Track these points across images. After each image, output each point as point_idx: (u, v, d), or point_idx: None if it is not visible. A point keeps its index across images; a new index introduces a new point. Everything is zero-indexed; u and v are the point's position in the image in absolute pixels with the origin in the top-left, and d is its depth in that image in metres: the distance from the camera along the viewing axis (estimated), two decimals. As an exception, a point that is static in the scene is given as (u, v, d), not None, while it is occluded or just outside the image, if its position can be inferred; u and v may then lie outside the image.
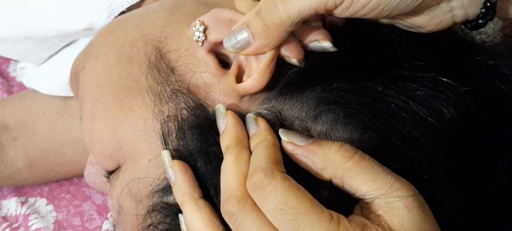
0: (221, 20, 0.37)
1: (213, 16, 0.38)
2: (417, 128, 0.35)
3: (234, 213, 0.32)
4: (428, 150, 0.35)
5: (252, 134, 0.35)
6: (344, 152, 0.33)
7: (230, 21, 0.37)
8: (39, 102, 0.64)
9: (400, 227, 0.31)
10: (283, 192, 0.31)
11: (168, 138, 0.37)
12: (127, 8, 0.51)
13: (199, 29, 0.38)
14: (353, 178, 0.32)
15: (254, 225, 0.32)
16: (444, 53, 0.38)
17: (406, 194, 0.32)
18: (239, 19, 0.36)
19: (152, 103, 0.38)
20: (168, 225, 0.37)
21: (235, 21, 0.37)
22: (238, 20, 0.37)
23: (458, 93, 0.36)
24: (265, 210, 0.32)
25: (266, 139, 0.34)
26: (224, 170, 0.34)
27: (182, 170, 0.36)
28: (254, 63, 0.36)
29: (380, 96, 0.35)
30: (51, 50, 0.60)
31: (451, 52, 0.39)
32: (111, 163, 0.40)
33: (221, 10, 0.38)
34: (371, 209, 0.32)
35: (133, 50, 0.40)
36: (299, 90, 0.36)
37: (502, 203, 0.37)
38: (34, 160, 0.62)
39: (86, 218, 0.63)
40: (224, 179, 0.34)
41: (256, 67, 0.36)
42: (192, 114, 0.37)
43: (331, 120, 0.35)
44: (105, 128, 0.39)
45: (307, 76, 0.36)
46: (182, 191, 0.35)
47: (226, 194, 0.33)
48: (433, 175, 0.35)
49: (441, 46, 0.39)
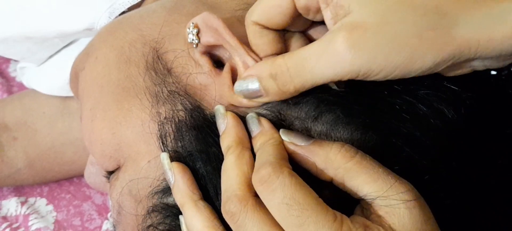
0: (209, 26, 0.37)
1: (203, 20, 0.37)
2: (418, 128, 0.35)
3: (235, 213, 0.32)
4: (429, 150, 0.35)
5: (256, 133, 0.35)
6: (345, 152, 0.33)
7: (216, 31, 0.37)
8: (39, 102, 0.64)
9: (401, 228, 0.31)
10: (290, 187, 0.31)
11: (166, 139, 0.37)
12: (128, 8, 0.51)
13: (193, 31, 0.37)
14: (354, 179, 0.32)
15: (255, 225, 0.32)
16: None
17: (407, 195, 0.31)
18: (226, 35, 0.36)
19: (150, 105, 0.38)
20: (168, 226, 0.37)
21: (222, 36, 0.36)
22: (224, 35, 0.36)
23: (458, 94, 0.36)
24: (271, 204, 0.31)
25: (273, 137, 0.34)
26: (225, 170, 0.34)
27: (181, 172, 0.36)
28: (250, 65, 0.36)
29: (380, 96, 0.35)
30: (51, 50, 0.60)
31: None
32: (111, 163, 0.40)
33: (211, 16, 0.37)
34: (372, 210, 0.32)
35: (131, 51, 0.40)
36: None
37: (502, 203, 0.37)
38: (34, 160, 0.63)
39: (86, 218, 0.64)
40: (225, 179, 0.34)
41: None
42: (189, 116, 0.37)
43: (331, 120, 0.35)
44: (105, 129, 0.39)
45: None
46: (182, 193, 0.35)
47: (228, 194, 0.33)
48: (434, 175, 0.35)
49: None
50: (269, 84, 0.34)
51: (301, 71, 0.33)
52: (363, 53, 0.30)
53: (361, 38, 0.30)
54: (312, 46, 0.33)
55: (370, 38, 0.30)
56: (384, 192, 0.31)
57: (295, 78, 0.33)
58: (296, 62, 0.33)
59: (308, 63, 0.32)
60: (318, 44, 0.32)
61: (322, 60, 0.32)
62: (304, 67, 0.32)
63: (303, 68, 0.32)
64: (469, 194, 0.35)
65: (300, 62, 0.33)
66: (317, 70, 0.32)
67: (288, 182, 0.31)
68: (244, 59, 0.36)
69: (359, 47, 0.30)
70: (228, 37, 0.36)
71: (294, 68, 0.33)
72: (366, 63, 0.30)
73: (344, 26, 0.31)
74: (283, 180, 0.31)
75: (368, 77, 0.32)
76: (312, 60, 0.32)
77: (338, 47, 0.31)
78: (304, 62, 0.32)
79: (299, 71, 0.33)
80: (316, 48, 0.32)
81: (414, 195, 0.32)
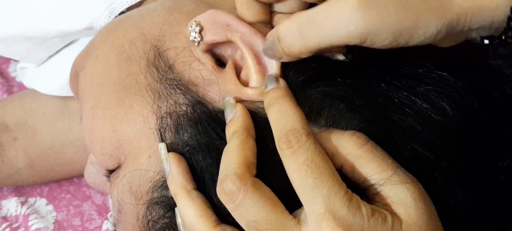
0: (217, 23, 0.37)
1: (209, 17, 0.38)
2: (420, 123, 0.35)
3: (234, 191, 0.32)
4: (431, 145, 0.35)
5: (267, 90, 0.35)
6: (357, 139, 0.33)
7: (227, 25, 0.37)
8: (39, 102, 0.64)
9: (407, 217, 0.31)
10: (314, 151, 0.32)
11: (166, 133, 0.37)
12: (128, 8, 0.51)
13: (195, 29, 0.38)
14: (364, 166, 0.33)
15: (256, 204, 0.32)
16: (445, 52, 0.38)
17: (414, 188, 0.32)
18: (237, 25, 0.37)
19: (152, 101, 0.38)
20: (168, 219, 0.37)
21: (233, 26, 0.37)
22: (235, 26, 0.37)
23: (459, 90, 0.36)
24: (291, 165, 0.32)
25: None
26: (226, 152, 0.34)
27: (176, 162, 0.36)
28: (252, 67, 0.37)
29: (383, 91, 0.36)
30: (51, 50, 0.60)
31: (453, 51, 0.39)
32: (112, 161, 0.40)
33: (219, 12, 0.38)
34: (378, 199, 0.32)
35: (132, 49, 0.41)
36: (303, 86, 0.36)
37: (504, 200, 0.37)
38: (34, 160, 0.63)
39: (86, 218, 0.63)
40: (225, 159, 0.34)
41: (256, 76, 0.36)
42: (191, 110, 0.37)
43: (334, 114, 0.35)
44: (105, 126, 0.39)
45: (310, 75, 0.36)
46: (176, 182, 0.36)
47: (226, 172, 0.33)
48: (436, 171, 0.35)
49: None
50: (277, 47, 0.34)
51: (306, 32, 0.32)
52: (373, 14, 0.30)
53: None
54: (318, 7, 0.32)
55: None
56: (392, 182, 0.32)
57: (299, 39, 0.33)
58: (299, 23, 0.32)
59: (314, 23, 0.32)
60: (325, 5, 0.31)
61: (330, 19, 0.31)
62: (309, 28, 0.32)
63: (309, 30, 0.32)
64: (470, 191, 0.36)
65: (306, 23, 0.32)
66: (324, 30, 0.31)
67: (313, 147, 0.32)
68: (258, 45, 0.36)
69: (370, 8, 0.30)
70: (242, 28, 0.37)
71: (297, 29, 0.32)
72: (375, 25, 0.30)
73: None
74: (309, 144, 0.32)
75: (374, 44, 0.31)
76: (319, 20, 0.31)
77: (348, 5, 0.30)
78: (311, 23, 0.32)
79: (304, 32, 0.32)
80: (324, 7, 0.31)
81: (420, 189, 0.32)
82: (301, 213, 0.32)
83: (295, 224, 0.32)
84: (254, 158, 0.34)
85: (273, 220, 0.32)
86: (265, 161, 0.34)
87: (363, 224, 0.31)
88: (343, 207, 0.31)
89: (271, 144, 0.34)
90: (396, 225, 0.31)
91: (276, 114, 0.34)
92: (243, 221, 0.32)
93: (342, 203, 0.31)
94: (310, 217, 0.31)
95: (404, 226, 0.31)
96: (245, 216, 0.32)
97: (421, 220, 0.31)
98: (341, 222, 0.30)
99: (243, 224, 0.33)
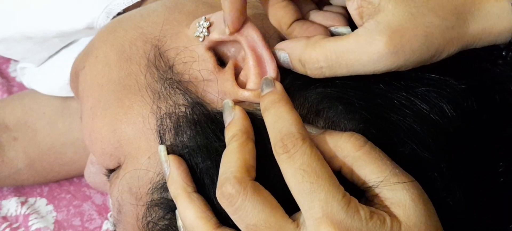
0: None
1: (222, 16, 0.37)
2: (419, 124, 0.35)
3: (233, 194, 0.32)
4: (430, 146, 0.35)
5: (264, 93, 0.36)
6: (355, 140, 0.33)
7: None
8: (39, 103, 0.64)
9: (406, 219, 0.31)
10: (310, 155, 0.32)
11: (165, 134, 0.37)
12: (127, 8, 0.51)
13: (204, 25, 0.38)
14: (362, 168, 0.33)
15: (255, 207, 0.32)
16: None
17: (413, 189, 0.32)
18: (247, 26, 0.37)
19: (151, 101, 0.38)
20: (168, 221, 0.37)
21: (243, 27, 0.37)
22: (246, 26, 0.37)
23: (458, 92, 0.36)
24: (288, 169, 0.32)
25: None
26: (225, 155, 0.34)
27: (176, 164, 0.36)
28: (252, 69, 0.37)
29: (381, 92, 0.36)
30: (51, 50, 0.60)
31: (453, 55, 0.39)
32: (112, 161, 0.40)
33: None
34: (377, 201, 0.32)
35: (132, 49, 0.41)
36: (301, 88, 0.36)
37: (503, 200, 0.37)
38: (34, 160, 0.62)
39: (86, 218, 0.63)
40: (225, 162, 0.34)
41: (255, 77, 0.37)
42: (190, 111, 0.37)
43: (333, 115, 0.36)
44: (105, 126, 0.39)
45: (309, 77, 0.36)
46: (176, 184, 0.36)
47: (226, 175, 0.33)
48: (436, 172, 0.35)
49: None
50: (297, 66, 0.36)
51: (336, 67, 0.35)
52: (401, 56, 0.34)
53: (400, 43, 0.33)
54: (347, 41, 0.35)
55: (407, 43, 0.34)
56: (390, 183, 0.32)
57: (326, 70, 0.35)
58: (328, 58, 0.35)
59: (343, 61, 0.35)
60: (354, 43, 0.34)
61: (360, 61, 0.34)
62: (339, 65, 0.35)
63: (338, 66, 0.35)
64: (470, 192, 0.36)
65: (335, 60, 0.35)
66: (357, 66, 0.34)
67: (309, 151, 0.32)
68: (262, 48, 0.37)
69: (399, 52, 0.34)
70: (251, 29, 0.37)
71: (325, 62, 0.35)
72: (401, 63, 0.34)
73: (383, 29, 0.33)
74: (305, 148, 0.32)
75: (397, 70, 0.35)
76: (348, 59, 0.34)
77: (380, 50, 0.33)
78: (340, 60, 0.35)
79: (333, 66, 0.35)
80: (353, 48, 0.34)
81: (419, 190, 0.32)
82: (300, 216, 0.32)
83: (295, 227, 0.32)
84: (253, 161, 0.34)
85: (272, 224, 0.32)
86: (264, 163, 0.34)
87: (361, 227, 0.31)
88: (341, 210, 0.31)
89: (269, 145, 0.34)
90: (395, 227, 0.31)
91: (272, 119, 0.34)
92: (242, 224, 0.33)
93: (340, 207, 0.31)
94: (309, 222, 0.31)
95: (404, 227, 0.31)
96: (245, 220, 0.32)
97: (421, 221, 0.31)
98: (339, 225, 0.30)
99: (243, 228, 0.33)
